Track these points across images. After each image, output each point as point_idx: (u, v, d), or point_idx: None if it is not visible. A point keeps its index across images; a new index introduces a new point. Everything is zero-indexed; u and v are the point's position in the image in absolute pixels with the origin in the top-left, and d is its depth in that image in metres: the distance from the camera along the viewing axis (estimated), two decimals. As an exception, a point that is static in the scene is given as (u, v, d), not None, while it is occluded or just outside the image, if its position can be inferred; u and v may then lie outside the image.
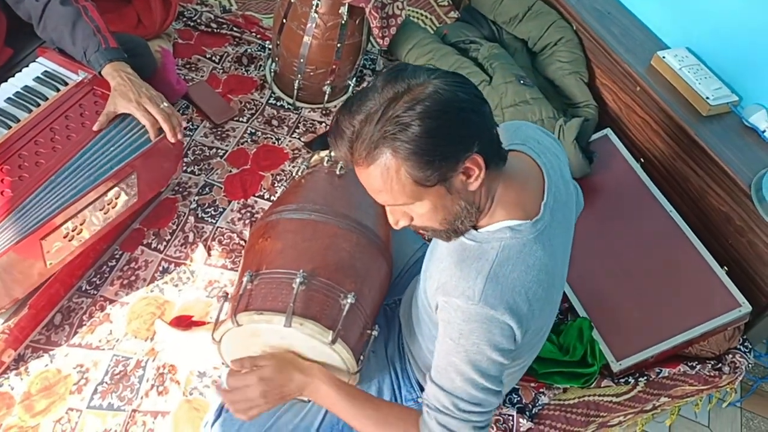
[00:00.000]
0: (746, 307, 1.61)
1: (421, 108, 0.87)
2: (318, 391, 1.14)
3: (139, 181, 1.53)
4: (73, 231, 1.41)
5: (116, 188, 1.47)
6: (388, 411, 1.13)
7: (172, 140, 1.50)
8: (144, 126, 1.48)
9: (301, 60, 2.07)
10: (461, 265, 1.01)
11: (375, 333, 1.20)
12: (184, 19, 2.35)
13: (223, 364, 1.29)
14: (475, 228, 1.05)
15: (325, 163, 1.40)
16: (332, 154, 1.40)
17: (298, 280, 1.11)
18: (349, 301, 1.13)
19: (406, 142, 0.88)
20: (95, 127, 1.46)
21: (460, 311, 0.99)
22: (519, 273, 1.00)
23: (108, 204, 1.47)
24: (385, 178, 0.91)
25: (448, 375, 1.03)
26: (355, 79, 2.26)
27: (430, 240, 1.26)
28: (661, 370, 1.69)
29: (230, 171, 1.97)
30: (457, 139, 0.91)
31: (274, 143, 2.09)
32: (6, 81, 1.52)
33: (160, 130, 1.50)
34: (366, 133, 0.89)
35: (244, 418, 1.13)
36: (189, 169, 1.94)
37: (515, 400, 1.57)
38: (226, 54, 2.31)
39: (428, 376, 1.08)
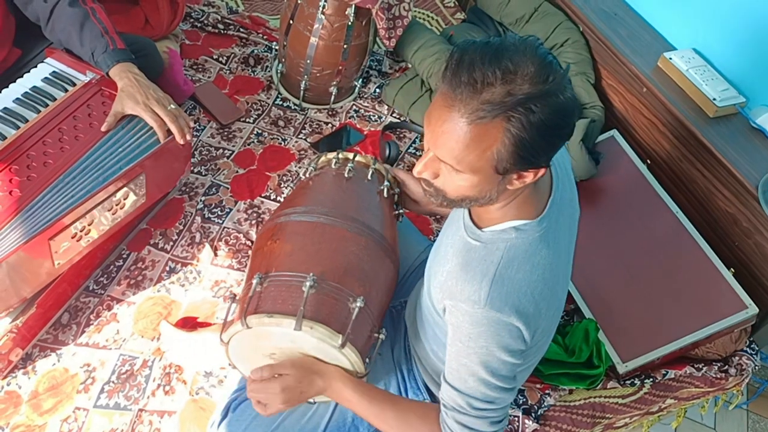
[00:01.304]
0: (753, 309, 1.60)
1: (553, 107, 0.86)
2: (339, 394, 1.15)
3: (148, 181, 1.54)
4: (81, 231, 1.42)
5: (125, 189, 1.47)
6: (409, 409, 1.15)
7: (181, 142, 1.51)
8: (152, 127, 1.49)
9: (308, 61, 2.07)
10: (466, 268, 1.02)
11: (382, 336, 1.20)
12: (191, 20, 2.35)
13: (230, 365, 1.29)
14: (479, 227, 1.05)
15: (332, 165, 1.39)
16: (339, 155, 1.40)
17: (308, 284, 1.11)
18: (358, 304, 1.13)
19: (523, 129, 0.86)
20: (103, 128, 1.46)
21: (468, 315, 1.00)
22: (524, 273, 1.00)
23: (116, 204, 1.48)
24: (474, 143, 0.88)
25: (461, 376, 1.04)
26: (361, 80, 2.26)
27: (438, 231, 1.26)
28: (667, 372, 1.68)
29: (237, 171, 1.98)
30: (552, 148, 0.92)
31: (281, 144, 2.09)
32: (14, 81, 1.53)
33: (169, 131, 1.50)
34: (498, 95, 0.85)
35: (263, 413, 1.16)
36: (196, 170, 1.94)
37: (521, 402, 1.57)
38: (232, 55, 2.32)
39: (443, 376, 1.09)
